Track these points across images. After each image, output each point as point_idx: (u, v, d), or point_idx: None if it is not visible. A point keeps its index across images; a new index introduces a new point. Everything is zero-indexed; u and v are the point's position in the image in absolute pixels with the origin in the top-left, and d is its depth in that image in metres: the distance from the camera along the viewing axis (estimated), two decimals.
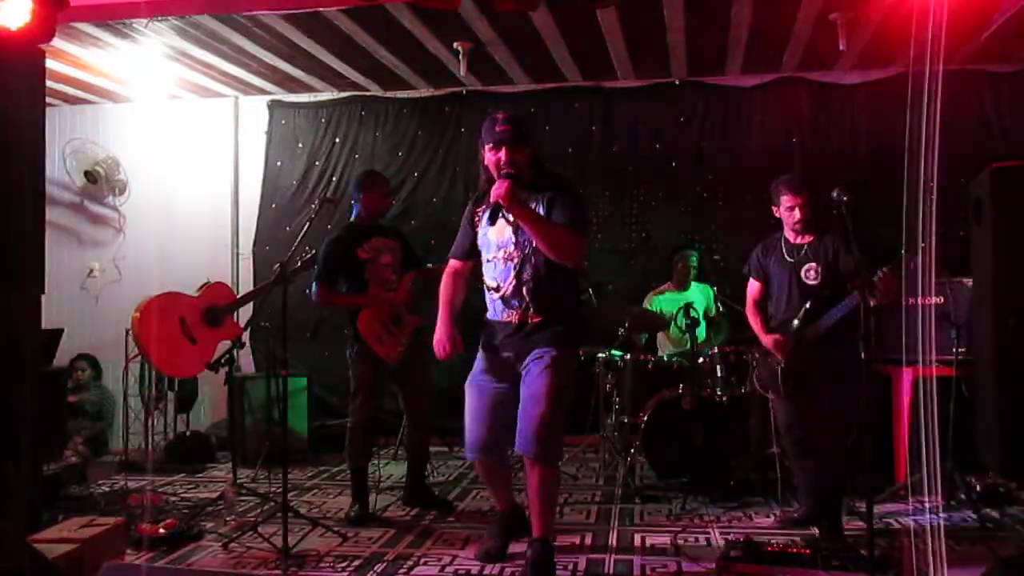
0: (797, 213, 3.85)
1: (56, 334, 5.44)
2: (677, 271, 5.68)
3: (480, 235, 3.30)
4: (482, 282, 3.37)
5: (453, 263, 3.46)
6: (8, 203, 3.70)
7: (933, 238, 3.51)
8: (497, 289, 3.22)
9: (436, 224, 6.34)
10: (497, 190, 3.04)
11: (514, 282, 3.16)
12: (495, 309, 3.27)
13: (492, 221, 3.15)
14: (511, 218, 3.13)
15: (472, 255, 3.40)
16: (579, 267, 3.21)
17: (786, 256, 3.93)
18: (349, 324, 4.35)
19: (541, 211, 3.14)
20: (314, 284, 4.35)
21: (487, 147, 3.19)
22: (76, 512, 4.00)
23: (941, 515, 4.22)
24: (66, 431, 6.06)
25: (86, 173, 6.70)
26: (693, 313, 4.75)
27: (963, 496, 4.29)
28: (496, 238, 3.23)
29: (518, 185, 3.09)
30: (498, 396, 3.27)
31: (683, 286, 5.66)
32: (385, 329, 4.25)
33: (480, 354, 3.35)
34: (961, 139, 5.94)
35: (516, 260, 3.17)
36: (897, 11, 5.01)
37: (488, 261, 3.26)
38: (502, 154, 3.13)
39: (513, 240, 3.18)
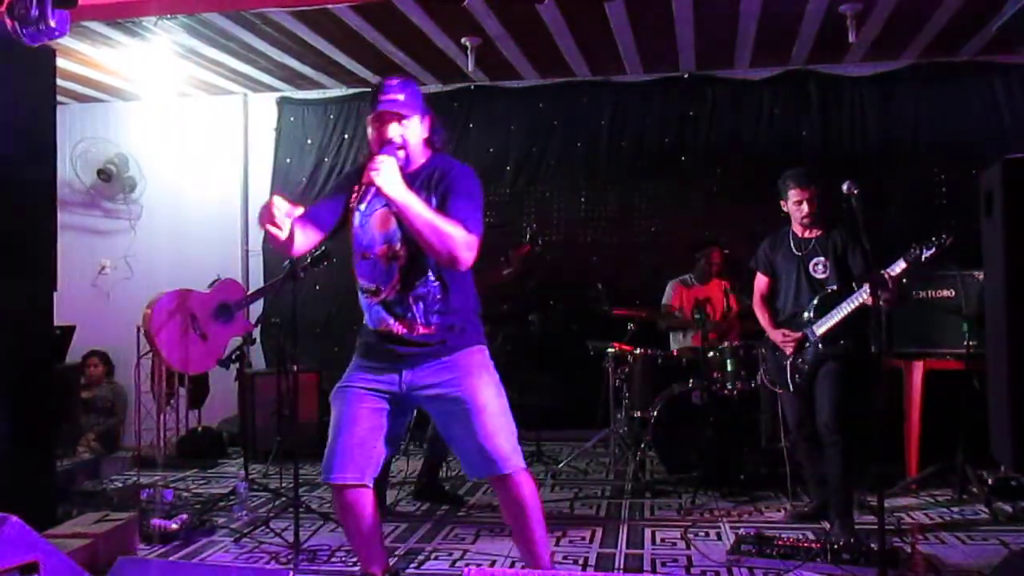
0: (805, 207, 3.84)
1: (68, 331, 5.47)
2: (700, 266, 5.67)
3: (357, 223, 2.66)
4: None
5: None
6: (21, 201, 3.72)
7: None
8: (375, 293, 2.63)
9: None
10: (372, 167, 2.38)
11: (399, 286, 2.59)
12: (373, 316, 2.65)
13: (360, 203, 2.50)
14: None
15: (327, 226, 2.65)
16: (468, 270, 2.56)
17: (794, 250, 3.92)
18: None
19: (433, 203, 2.53)
20: None
21: (369, 118, 2.62)
22: (90, 507, 4.04)
23: (953, 509, 4.21)
24: (79, 427, 6.11)
25: (99, 172, 6.74)
26: (708, 309, 4.75)
27: (975, 490, 4.27)
28: (379, 229, 2.61)
29: (402, 168, 2.50)
30: (376, 412, 2.62)
31: (704, 281, 5.65)
32: None
33: (356, 361, 2.71)
34: (973, 130, 5.92)
35: (403, 259, 2.58)
36: (906, 2, 4.99)
37: (366, 259, 2.65)
38: (386, 128, 2.55)
39: (399, 235, 2.58)
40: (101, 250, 7.06)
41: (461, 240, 2.45)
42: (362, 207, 2.58)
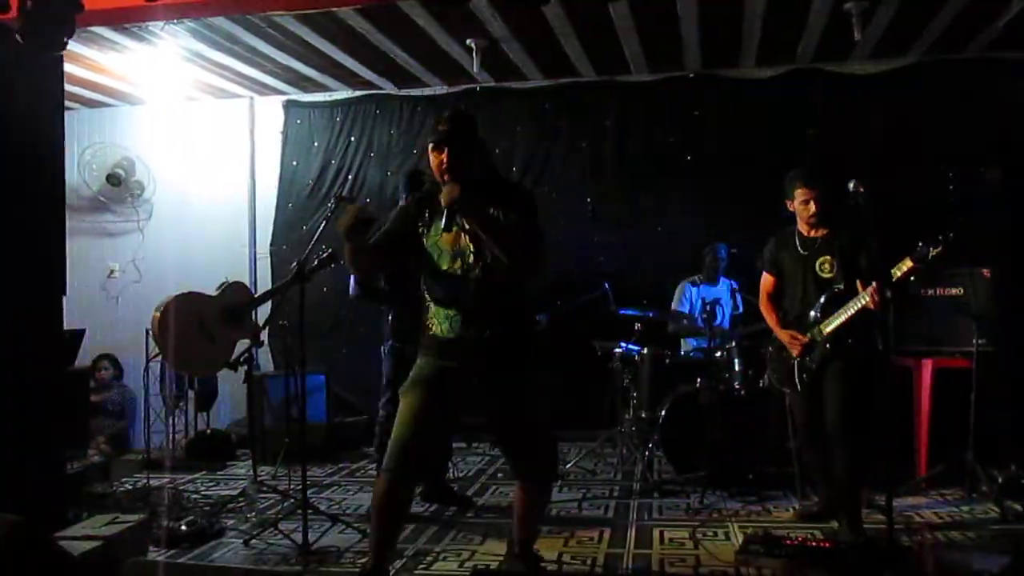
0: (812, 206, 3.82)
1: (78, 334, 5.49)
2: (707, 265, 5.67)
3: (430, 242, 2.94)
4: (413, 296, 3.09)
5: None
6: (30, 206, 3.75)
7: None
8: (452, 303, 2.88)
9: None
10: (450, 193, 2.73)
11: (474, 296, 2.84)
12: (447, 325, 2.89)
13: (448, 228, 2.80)
14: (468, 225, 2.82)
15: (390, 255, 3.03)
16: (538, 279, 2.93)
17: (800, 250, 3.90)
18: (385, 320, 4.39)
19: (501, 216, 2.85)
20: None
21: (429, 147, 2.89)
22: (100, 509, 4.06)
23: (963, 508, 4.19)
24: (89, 430, 6.13)
25: (107, 176, 6.78)
26: (717, 309, 4.74)
27: (985, 489, 4.25)
28: (449, 247, 2.88)
29: (469, 189, 2.78)
30: (442, 408, 2.90)
31: (712, 280, 5.65)
32: None
33: (423, 361, 2.96)
34: (979, 128, 5.89)
35: (477, 272, 2.84)
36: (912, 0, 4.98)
37: (441, 274, 2.91)
38: (444, 155, 2.82)
39: (472, 249, 2.84)
40: (110, 254, 7.10)
41: (536, 249, 2.87)
42: (433, 229, 2.91)
